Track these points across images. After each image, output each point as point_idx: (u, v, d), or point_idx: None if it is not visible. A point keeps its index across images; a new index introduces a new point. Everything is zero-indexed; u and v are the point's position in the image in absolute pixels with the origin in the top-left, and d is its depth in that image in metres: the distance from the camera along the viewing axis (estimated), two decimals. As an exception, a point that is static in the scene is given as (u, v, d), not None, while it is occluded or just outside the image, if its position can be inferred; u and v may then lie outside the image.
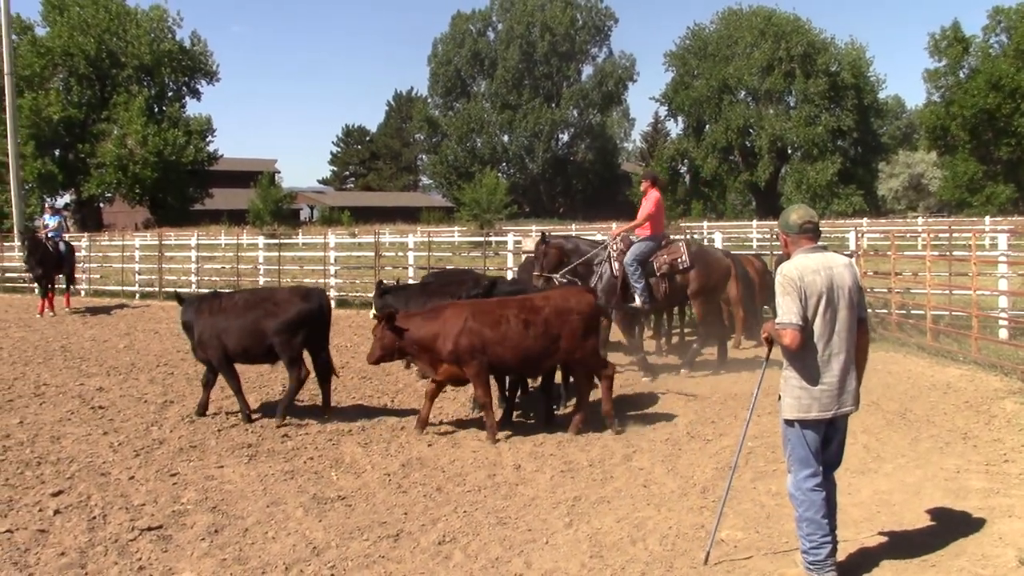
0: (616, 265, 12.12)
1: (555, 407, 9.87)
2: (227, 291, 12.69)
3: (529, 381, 10.40)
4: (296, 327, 9.61)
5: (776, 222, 5.95)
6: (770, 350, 5.65)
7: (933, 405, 9.96)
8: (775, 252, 17.71)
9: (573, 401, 10.30)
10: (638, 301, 11.87)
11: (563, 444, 8.74)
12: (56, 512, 6.74)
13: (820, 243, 5.34)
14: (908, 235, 27.06)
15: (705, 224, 48.74)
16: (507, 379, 9.78)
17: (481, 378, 8.81)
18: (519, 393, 10.10)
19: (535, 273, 12.42)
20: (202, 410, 10.06)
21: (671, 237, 13.26)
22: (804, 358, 5.20)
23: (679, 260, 12.09)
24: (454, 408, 10.37)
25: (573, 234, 20.79)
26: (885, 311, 15.34)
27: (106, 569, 5.74)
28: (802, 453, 5.27)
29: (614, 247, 12.28)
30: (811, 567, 5.28)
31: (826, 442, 5.35)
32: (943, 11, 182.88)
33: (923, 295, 14.80)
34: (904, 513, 6.51)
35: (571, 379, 10.29)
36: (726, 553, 5.86)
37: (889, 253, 15.81)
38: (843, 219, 57.74)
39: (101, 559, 5.90)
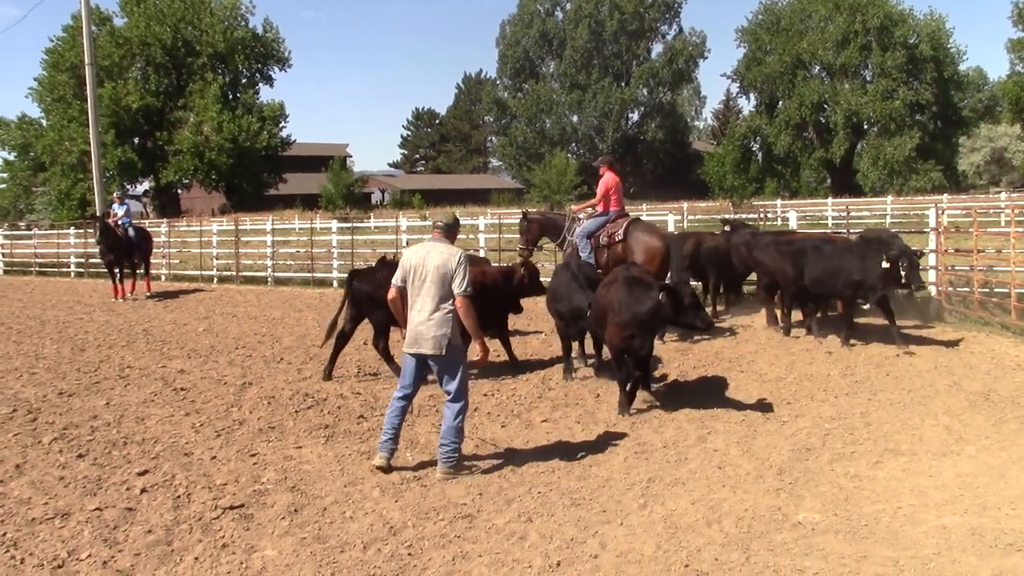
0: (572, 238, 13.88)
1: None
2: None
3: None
4: None
5: (853, 199, 5.90)
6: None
7: (1019, 386, 9.66)
8: (852, 231, 17.34)
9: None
10: None
11: (636, 425, 8.71)
12: (142, 491, 6.95)
13: (443, 237, 7.35)
14: (991, 211, 26.23)
15: (779, 202, 47.95)
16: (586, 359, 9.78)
17: None
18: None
19: (520, 247, 14.43)
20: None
21: (627, 214, 14.28)
22: (408, 310, 7.25)
23: (616, 233, 13.46)
24: (527, 389, 10.39)
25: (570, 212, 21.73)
26: (967, 289, 14.89)
27: (191, 546, 5.90)
28: (402, 375, 7.44)
29: (578, 222, 14.01)
30: (380, 448, 7.37)
31: (439, 376, 7.34)
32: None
33: (1007, 273, 14.35)
34: (988, 496, 6.34)
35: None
36: (803, 535, 5.79)
37: (971, 230, 15.36)
38: (922, 195, 56.32)
39: (186, 536, 6.07)
